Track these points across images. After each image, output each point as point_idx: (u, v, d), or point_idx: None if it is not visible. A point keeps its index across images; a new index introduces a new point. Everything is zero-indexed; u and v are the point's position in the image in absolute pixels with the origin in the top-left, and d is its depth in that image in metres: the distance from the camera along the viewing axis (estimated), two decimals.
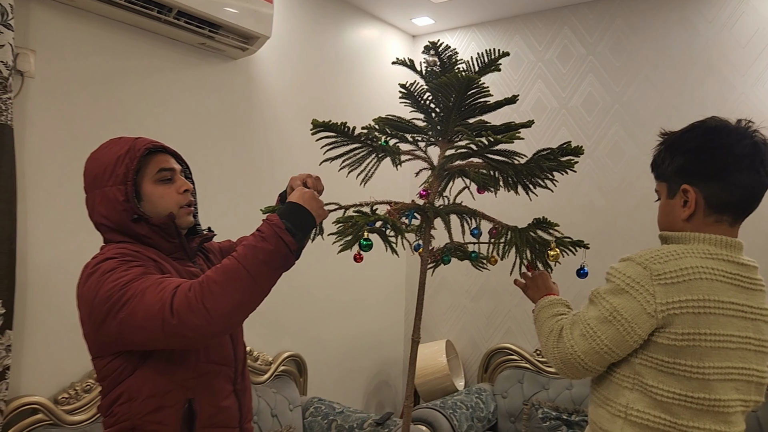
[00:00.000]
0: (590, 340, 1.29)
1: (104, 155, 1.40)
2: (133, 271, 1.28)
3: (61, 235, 2.25)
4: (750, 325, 1.26)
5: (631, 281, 1.26)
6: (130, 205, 1.36)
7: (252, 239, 1.24)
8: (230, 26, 2.61)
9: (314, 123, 1.46)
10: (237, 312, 1.21)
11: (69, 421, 2.19)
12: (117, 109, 2.43)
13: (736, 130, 1.29)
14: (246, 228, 2.11)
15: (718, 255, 1.28)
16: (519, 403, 3.35)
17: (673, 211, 1.34)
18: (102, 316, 1.26)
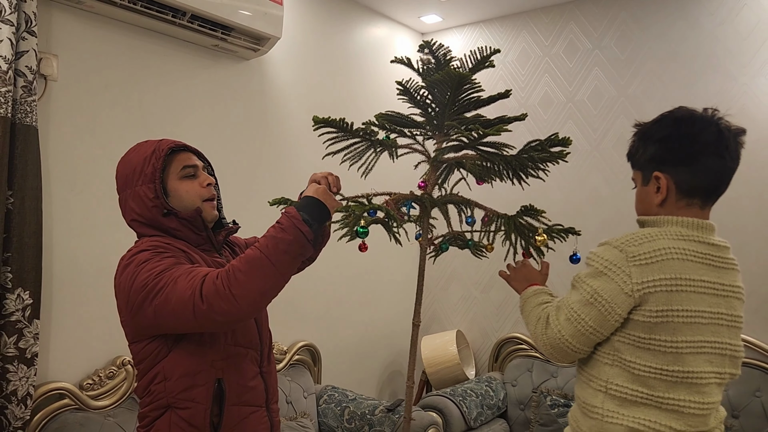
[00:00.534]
0: (575, 323, 1.35)
1: (132, 158, 1.52)
2: (166, 261, 1.40)
3: (84, 230, 2.38)
4: (722, 302, 1.34)
5: (609, 264, 1.33)
6: (160, 201, 1.47)
7: (272, 231, 1.37)
8: (242, 28, 2.71)
9: (315, 119, 1.55)
10: (261, 297, 1.34)
11: (93, 406, 2.32)
12: (136, 109, 2.55)
13: (702, 119, 1.37)
14: (261, 221, 2.21)
15: (689, 236, 1.35)
16: (528, 391, 3.42)
17: (648, 197, 1.42)
18: (139, 303, 1.38)
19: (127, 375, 2.43)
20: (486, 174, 1.66)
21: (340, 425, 3.01)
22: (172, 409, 1.44)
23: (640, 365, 1.31)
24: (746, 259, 2.95)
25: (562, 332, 1.37)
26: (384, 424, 2.89)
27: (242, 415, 1.50)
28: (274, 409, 1.62)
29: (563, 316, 1.38)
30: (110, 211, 2.42)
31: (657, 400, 1.31)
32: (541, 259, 1.64)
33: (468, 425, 3.20)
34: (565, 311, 1.38)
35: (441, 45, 1.61)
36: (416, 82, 1.68)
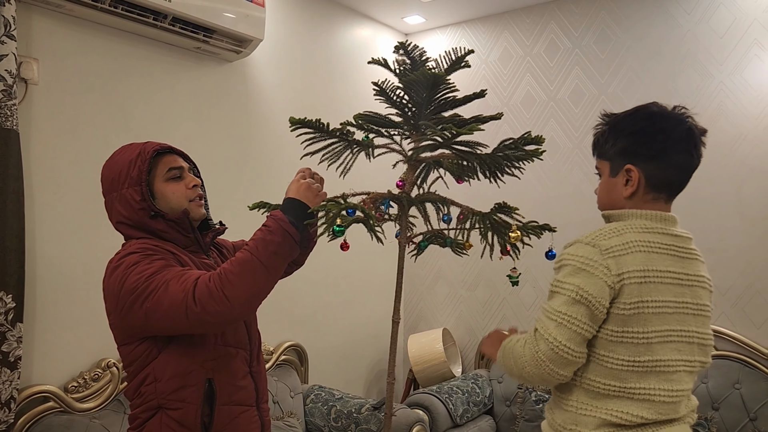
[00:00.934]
0: (569, 325, 1.32)
1: (117, 161, 1.53)
2: (156, 264, 1.41)
3: (67, 233, 2.39)
4: (687, 291, 1.37)
5: (586, 259, 1.34)
6: (147, 204, 1.49)
7: (260, 234, 1.42)
8: (224, 30, 2.73)
9: (291, 120, 1.58)
10: (253, 298, 1.38)
11: (78, 409, 2.32)
12: (118, 113, 2.56)
13: (675, 116, 1.41)
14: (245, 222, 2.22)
15: (653, 228, 1.39)
16: (514, 387, 3.45)
17: (615, 188, 1.44)
18: (128, 306, 1.39)
19: (112, 377, 2.44)
20: (463, 172, 1.68)
21: (327, 424, 3.03)
22: (162, 410, 1.45)
23: (613, 359, 1.33)
24: (725, 254, 3.00)
25: (558, 338, 1.31)
26: (370, 422, 2.91)
27: (233, 415, 1.52)
28: (265, 409, 1.64)
29: (551, 324, 1.33)
30: (93, 214, 2.43)
31: (629, 391, 1.33)
32: (516, 255, 1.67)
33: (454, 422, 3.22)
34: (552, 318, 1.34)
35: (416, 46, 1.64)
36: (393, 82, 1.70)
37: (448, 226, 1.71)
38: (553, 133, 3.58)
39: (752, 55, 2.98)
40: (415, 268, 4.09)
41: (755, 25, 2.97)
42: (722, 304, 3.03)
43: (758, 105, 2.97)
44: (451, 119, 1.66)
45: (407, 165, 1.73)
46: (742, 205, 2.98)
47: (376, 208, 1.64)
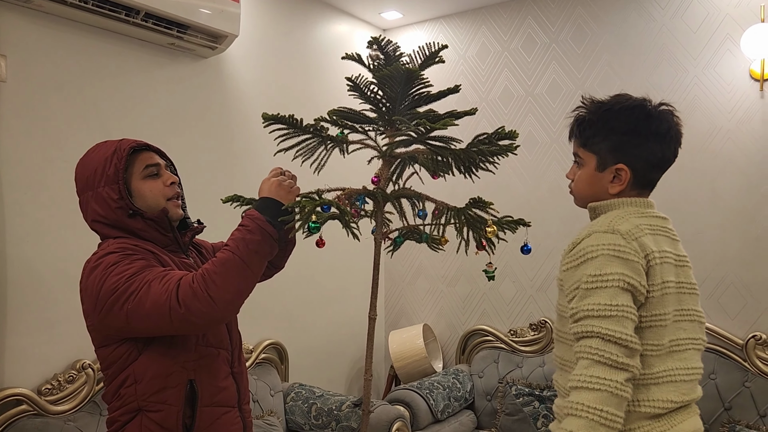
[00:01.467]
0: (628, 315, 1.24)
1: (92, 159, 1.50)
2: (137, 264, 1.39)
3: (39, 233, 2.34)
4: (681, 271, 1.38)
5: (615, 246, 1.28)
6: (125, 202, 1.46)
7: (239, 233, 1.41)
8: (198, 26, 2.70)
9: (264, 116, 1.56)
10: (237, 297, 1.38)
11: (53, 411, 2.29)
12: (90, 110, 2.52)
13: (666, 118, 1.40)
14: (221, 219, 2.21)
15: (646, 213, 1.39)
16: (495, 381, 3.47)
17: (601, 183, 1.42)
18: (108, 308, 1.36)
19: (87, 378, 2.41)
20: (438, 168, 1.68)
21: (308, 422, 3.02)
22: (142, 412, 1.43)
23: (643, 345, 1.29)
24: (699, 246, 3.04)
25: (624, 331, 1.22)
26: (351, 419, 2.91)
27: (215, 416, 1.50)
28: (246, 410, 1.62)
29: (608, 321, 1.23)
30: (66, 214, 2.39)
31: (655, 377, 1.30)
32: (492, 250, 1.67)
33: (435, 418, 3.23)
34: (606, 314, 1.23)
35: (390, 41, 1.63)
36: (368, 78, 1.69)
37: (424, 222, 1.71)
38: (531, 128, 3.59)
39: (725, 49, 3.01)
40: (395, 264, 4.09)
41: (727, 20, 3.01)
42: None
43: (731, 99, 3.00)
44: (426, 115, 1.66)
45: (382, 161, 1.72)
46: (717, 198, 3.02)
47: (351, 204, 1.63)
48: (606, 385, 1.20)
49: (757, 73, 2.93)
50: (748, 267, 2.96)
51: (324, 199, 1.42)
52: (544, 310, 3.54)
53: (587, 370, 1.23)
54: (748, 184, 2.97)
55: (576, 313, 1.29)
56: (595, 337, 1.24)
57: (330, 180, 1.79)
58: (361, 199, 1.63)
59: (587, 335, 1.25)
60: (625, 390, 1.22)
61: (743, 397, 2.84)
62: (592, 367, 1.23)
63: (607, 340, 1.23)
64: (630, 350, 1.23)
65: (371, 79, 1.66)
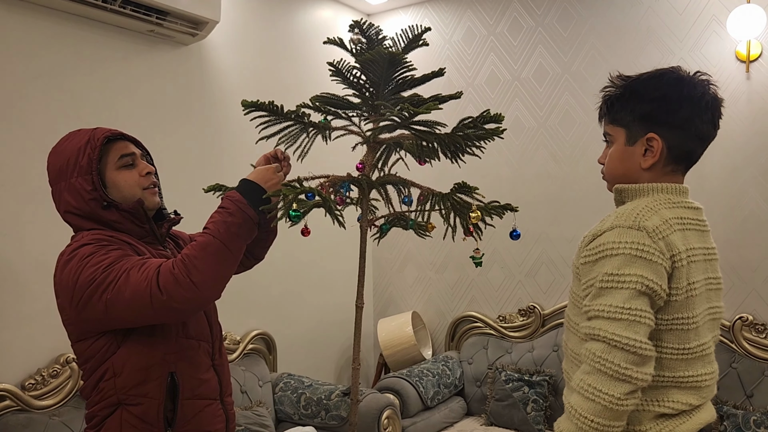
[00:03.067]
0: (641, 320, 1.16)
1: (65, 148, 1.45)
2: (113, 254, 1.36)
3: (16, 226, 2.29)
4: (709, 266, 1.30)
5: (638, 245, 1.19)
6: (99, 194, 1.42)
7: (219, 216, 1.38)
8: (178, 12, 2.64)
9: (243, 103, 1.52)
10: (220, 280, 1.35)
11: (37, 406, 2.25)
12: (67, 100, 2.46)
13: (700, 84, 1.30)
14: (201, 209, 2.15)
15: (678, 203, 1.29)
16: (484, 367, 3.47)
17: (633, 158, 1.31)
18: (85, 299, 1.33)
19: (71, 372, 2.37)
20: (423, 153, 1.65)
21: (297, 412, 3.01)
22: (122, 406, 1.40)
23: (661, 348, 1.23)
24: None
25: (635, 337, 1.15)
26: (340, 408, 2.90)
27: (197, 409, 1.48)
28: (229, 402, 1.60)
29: (620, 325, 1.16)
30: (44, 207, 2.33)
31: (677, 380, 1.24)
32: (479, 236, 1.64)
33: (425, 405, 3.23)
34: (619, 317, 1.16)
35: (372, 24, 1.59)
36: (351, 63, 1.66)
37: (409, 208, 1.68)
38: (517, 112, 3.57)
39: (711, 31, 3.00)
40: (383, 251, 4.07)
41: (713, 1, 2.99)
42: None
43: (717, 80, 2.92)
44: (410, 99, 1.63)
45: (367, 147, 1.69)
46: (703, 180, 3.02)
47: (336, 192, 1.60)
48: (602, 399, 1.14)
49: (743, 54, 2.92)
50: (735, 249, 2.97)
51: (306, 187, 1.38)
52: (533, 296, 3.54)
53: (587, 376, 1.18)
54: (734, 166, 2.97)
55: (588, 312, 1.23)
56: (601, 342, 1.17)
57: (314, 167, 1.76)
58: (346, 187, 1.60)
59: (594, 338, 1.19)
60: (625, 404, 1.14)
61: (730, 378, 2.85)
62: (592, 374, 1.17)
63: (613, 346, 1.15)
64: (640, 357, 1.15)
65: (354, 63, 1.62)
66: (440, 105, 1.52)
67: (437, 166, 2.00)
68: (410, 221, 1.73)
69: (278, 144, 1.67)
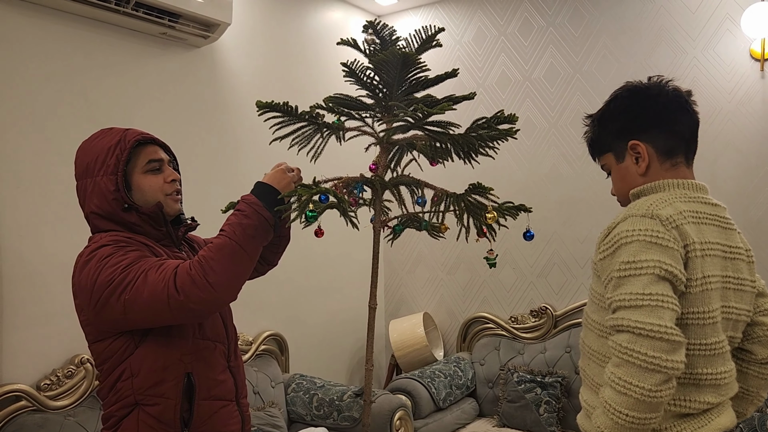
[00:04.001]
0: (663, 305, 1.13)
1: (95, 145, 1.47)
2: (131, 255, 1.37)
3: (33, 227, 2.31)
4: (729, 264, 1.29)
5: (652, 232, 1.19)
6: (121, 195, 1.43)
7: (235, 218, 1.39)
8: (190, 15, 2.65)
9: (258, 104, 1.53)
10: (236, 281, 1.37)
11: (52, 407, 2.27)
12: (80, 102, 2.48)
13: (655, 85, 1.36)
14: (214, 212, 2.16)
15: (695, 198, 1.30)
16: (496, 369, 3.46)
17: (629, 172, 1.36)
18: (104, 300, 1.34)
19: (86, 373, 2.39)
20: (436, 154, 1.65)
21: (309, 413, 3.01)
22: (139, 406, 1.41)
23: None
24: None
25: (659, 322, 1.11)
26: (352, 409, 2.90)
27: (213, 410, 1.49)
28: (244, 404, 1.61)
29: (642, 312, 1.13)
30: (59, 207, 2.36)
31: (696, 377, 1.22)
32: (493, 237, 1.64)
33: (437, 406, 3.22)
34: (641, 304, 1.13)
35: (386, 25, 1.60)
36: (364, 64, 1.66)
37: (423, 209, 1.68)
38: (529, 112, 3.56)
39: (724, 29, 2.98)
40: (394, 252, 4.07)
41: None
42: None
43: (731, 80, 2.97)
44: (423, 100, 1.62)
45: (380, 148, 1.69)
46: (717, 180, 3.00)
47: (349, 193, 1.61)
48: (633, 391, 1.11)
49: (758, 52, 2.89)
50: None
51: (321, 187, 1.39)
52: (545, 297, 3.52)
53: (617, 369, 1.14)
54: (748, 166, 2.94)
55: (610, 304, 1.20)
56: (626, 332, 1.14)
57: (327, 168, 1.77)
58: (359, 187, 1.60)
59: (619, 329, 1.16)
60: (659, 394, 1.11)
61: None
62: (621, 366, 1.13)
63: (638, 335, 1.12)
64: (668, 343, 1.11)
65: (367, 64, 1.62)
66: (454, 106, 1.51)
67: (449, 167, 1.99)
68: (424, 222, 1.73)
69: (292, 145, 1.67)
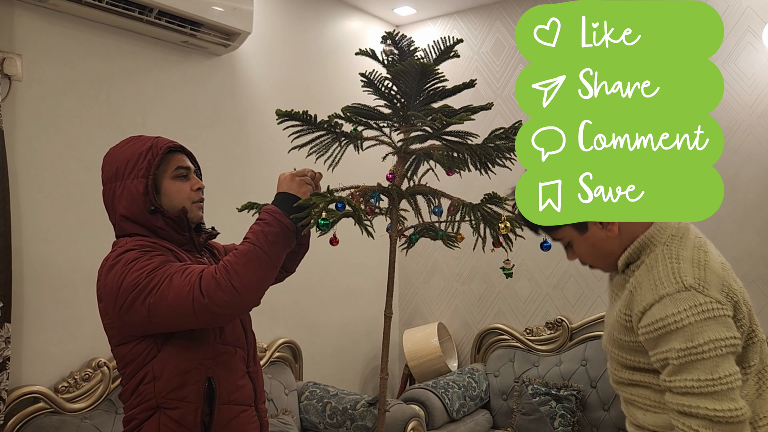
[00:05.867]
0: (729, 389, 1.11)
1: (126, 150, 1.51)
2: (156, 259, 1.40)
3: (54, 231, 2.35)
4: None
5: (695, 308, 1.14)
6: (149, 198, 1.46)
7: (257, 227, 1.43)
8: (211, 24, 2.69)
9: (278, 113, 1.55)
10: (260, 286, 1.39)
11: (69, 409, 2.30)
12: (104, 108, 2.52)
13: None
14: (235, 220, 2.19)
15: (683, 232, 1.29)
16: (510, 380, 3.44)
17: (598, 236, 1.29)
18: (129, 303, 1.37)
19: (103, 377, 2.41)
20: (453, 164, 1.65)
21: (322, 421, 3.01)
22: (161, 409, 1.43)
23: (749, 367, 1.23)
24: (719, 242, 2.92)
25: (733, 406, 1.10)
26: (366, 419, 2.89)
27: (233, 414, 1.50)
28: (263, 409, 1.62)
29: (712, 402, 1.10)
30: (81, 212, 2.39)
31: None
32: (510, 247, 1.64)
33: (450, 417, 3.21)
34: (713, 391, 1.11)
35: (404, 36, 1.61)
36: (382, 74, 1.67)
37: (439, 219, 1.69)
38: None
39: (745, 42, 2.96)
40: (409, 262, 4.07)
41: (748, 12, 2.95)
42: None
43: (752, 93, 2.95)
44: (441, 110, 1.63)
45: (397, 157, 1.70)
46: (737, 194, 2.97)
47: (365, 202, 1.61)
48: None
49: None
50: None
51: (335, 196, 1.40)
52: (561, 309, 3.50)
53: None
54: None
55: (671, 387, 1.16)
56: (702, 419, 1.11)
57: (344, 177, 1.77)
58: (376, 196, 1.61)
59: (692, 415, 1.12)
60: None
61: None
62: None
63: (716, 422, 1.10)
64: (743, 424, 1.11)
65: (385, 74, 1.64)
66: (472, 116, 1.52)
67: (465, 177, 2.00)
68: (440, 232, 1.73)
69: (310, 153, 1.69)
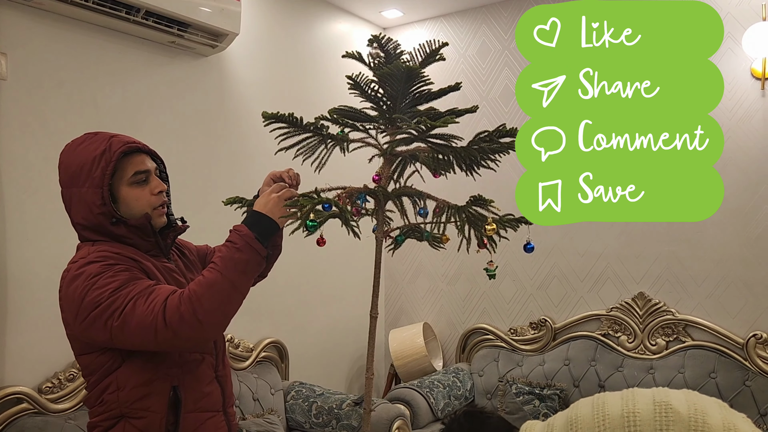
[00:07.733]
0: None
1: (81, 153, 1.44)
2: (120, 276, 1.35)
3: (39, 231, 2.34)
4: None
5: None
6: (108, 208, 1.41)
7: (227, 251, 1.37)
8: (198, 24, 2.69)
9: (264, 115, 1.56)
10: (225, 319, 1.37)
11: (53, 410, 2.29)
12: (90, 108, 2.52)
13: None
14: (218, 220, 2.21)
15: None
16: (495, 380, 3.47)
17: None
18: (90, 321, 1.33)
19: None
20: (439, 166, 1.67)
21: (308, 420, 3.02)
22: (125, 418, 1.41)
23: None
24: (700, 245, 3.04)
25: None
26: (351, 418, 2.91)
27: (199, 422, 1.48)
28: (231, 413, 1.60)
29: None
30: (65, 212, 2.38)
31: None
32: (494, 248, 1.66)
33: (435, 416, 3.23)
34: None
35: (390, 39, 1.63)
36: (368, 76, 1.69)
37: (425, 220, 1.71)
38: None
39: (726, 48, 3.01)
40: (395, 263, 4.09)
41: (728, 18, 3.00)
42: (698, 294, 3.07)
43: (732, 98, 3.00)
44: (427, 113, 1.65)
45: (383, 159, 1.72)
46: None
47: (352, 203, 1.63)
48: None
49: (759, 72, 2.92)
50: (749, 266, 2.96)
51: (323, 197, 1.41)
52: (544, 309, 3.54)
53: None
54: (749, 183, 2.97)
55: None
56: None
57: (331, 178, 1.79)
58: (362, 198, 1.62)
59: None
60: None
61: (744, 396, 2.84)
62: None
63: None
64: None
65: (372, 77, 1.65)
66: (457, 119, 1.54)
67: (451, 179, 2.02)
68: (425, 233, 1.75)
69: (296, 155, 1.70)
